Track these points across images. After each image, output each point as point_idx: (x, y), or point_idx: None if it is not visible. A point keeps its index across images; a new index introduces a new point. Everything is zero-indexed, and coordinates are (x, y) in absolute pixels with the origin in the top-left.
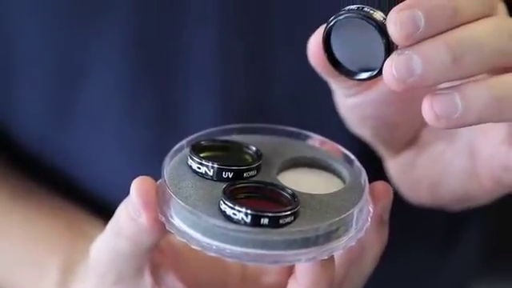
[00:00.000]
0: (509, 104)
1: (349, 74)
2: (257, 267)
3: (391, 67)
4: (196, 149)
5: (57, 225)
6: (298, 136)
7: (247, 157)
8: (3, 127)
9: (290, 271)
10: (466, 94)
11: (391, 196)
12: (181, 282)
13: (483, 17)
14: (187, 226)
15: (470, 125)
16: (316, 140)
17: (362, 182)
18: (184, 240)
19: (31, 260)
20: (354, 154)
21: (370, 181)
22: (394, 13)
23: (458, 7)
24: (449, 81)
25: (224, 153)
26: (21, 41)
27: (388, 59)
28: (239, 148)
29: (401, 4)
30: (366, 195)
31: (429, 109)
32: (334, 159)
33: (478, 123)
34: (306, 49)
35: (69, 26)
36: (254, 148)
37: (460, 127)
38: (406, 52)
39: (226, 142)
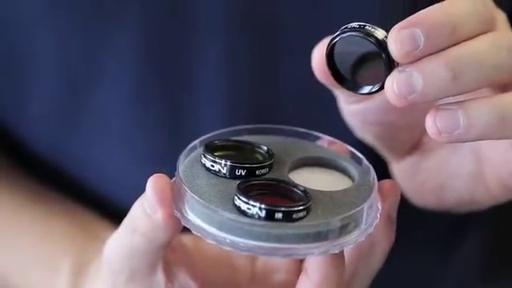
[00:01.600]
0: (510, 124)
1: (351, 88)
2: (266, 266)
3: (392, 84)
4: (209, 148)
5: (68, 225)
6: (307, 136)
7: (259, 156)
8: (14, 130)
9: (298, 269)
10: (469, 112)
11: (399, 194)
12: (192, 280)
13: (482, 33)
14: (202, 221)
15: (471, 141)
16: (325, 140)
17: (371, 179)
18: (199, 234)
19: (43, 260)
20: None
21: (378, 180)
22: (394, 31)
23: (456, 25)
24: (449, 96)
25: (236, 152)
26: (33, 44)
27: (389, 76)
28: (251, 147)
29: (401, 22)
30: (375, 192)
31: (432, 123)
32: (342, 158)
33: (479, 140)
34: (312, 52)
35: (81, 31)
36: (265, 147)
37: (461, 142)
38: (407, 69)
39: (239, 141)
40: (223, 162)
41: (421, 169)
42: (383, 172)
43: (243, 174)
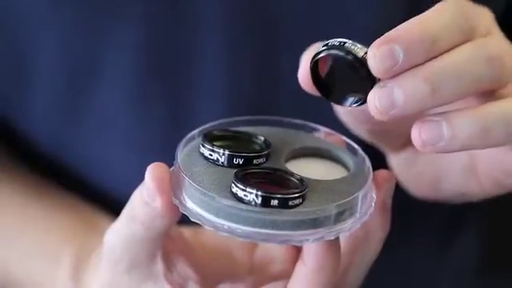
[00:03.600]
0: (493, 134)
1: (336, 101)
2: (264, 257)
3: (374, 100)
4: (208, 137)
5: (69, 218)
6: (304, 128)
7: (256, 146)
8: (17, 125)
9: (295, 260)
10: (453, 124)
11: (394, 183)
12: (191, 270)
13: (461, 43)
14: (200, 208)
15: (455, 151)
16: (321, 132)
17: (366, 169)
18: (197, 221)
19: (44, 252)
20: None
21: (373, 170)
22: (373, 48)
23: (435, 39)
24: (430, 108)
25: (234, 142)
26: (35, 41)
27: (371, 92)
28: (248, 138)
29: (380, 39)
30: (370, 181)
31: (417, 135)
32: (338, 149)
33: (462, 150)
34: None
35: (83, 30)
36: (262, 138)
37: (445, 153)
38: (388, 85)
39: (236, 132)
40: (221, 150)
41: (417, 161)
42: (379, 163)
43: (241, 162)
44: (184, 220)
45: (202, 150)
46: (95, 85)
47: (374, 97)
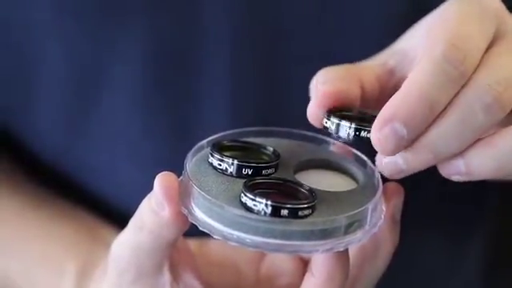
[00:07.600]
0: (508, 169)
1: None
2: (270, 270)
3: (382, 165)
4: (217, 147)
5: (74, 230)
6: (312, 139)
7: (265, 156)
8: (21, 136)
9: (303, 273)
10: (469, 164)
11: (403, 195)
12: (197, 281)
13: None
14: (209, 217)
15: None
16: (330, 143)
17: (376, 181)
18: (206, 230)
19: (49, 264)
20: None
21: (382, 182)
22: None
23: (432, 104)
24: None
25: (243, 152)
26: (41, 51)
27: (377, 158)
28: (257, 148)
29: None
30: (380, 193)
31: (439, 168)
32: (347, 161)
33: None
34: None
35: (88, 41)
36: (271, 148)
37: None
38: (391, 158)
39: (245, 142)
40: (230, 160)
41: None
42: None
43: (250, 173)
44: (191, 230)
45: (211, 159)
46: (100, 96)
47: (381, 163)
